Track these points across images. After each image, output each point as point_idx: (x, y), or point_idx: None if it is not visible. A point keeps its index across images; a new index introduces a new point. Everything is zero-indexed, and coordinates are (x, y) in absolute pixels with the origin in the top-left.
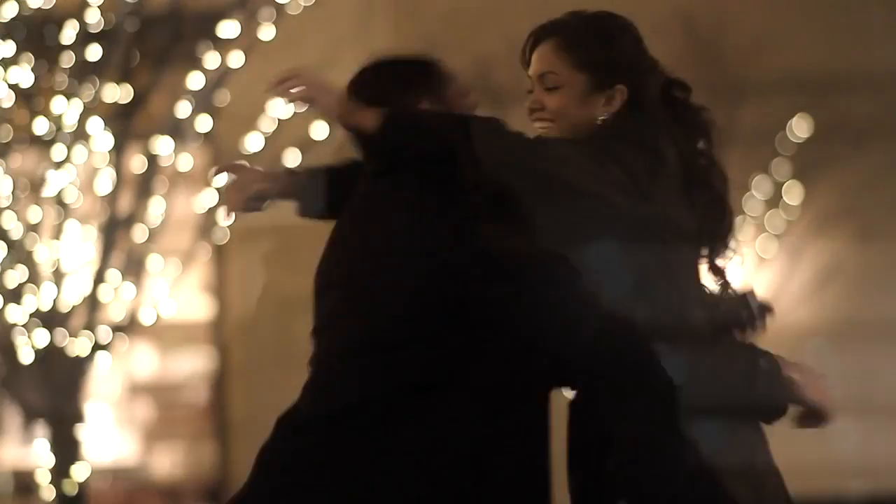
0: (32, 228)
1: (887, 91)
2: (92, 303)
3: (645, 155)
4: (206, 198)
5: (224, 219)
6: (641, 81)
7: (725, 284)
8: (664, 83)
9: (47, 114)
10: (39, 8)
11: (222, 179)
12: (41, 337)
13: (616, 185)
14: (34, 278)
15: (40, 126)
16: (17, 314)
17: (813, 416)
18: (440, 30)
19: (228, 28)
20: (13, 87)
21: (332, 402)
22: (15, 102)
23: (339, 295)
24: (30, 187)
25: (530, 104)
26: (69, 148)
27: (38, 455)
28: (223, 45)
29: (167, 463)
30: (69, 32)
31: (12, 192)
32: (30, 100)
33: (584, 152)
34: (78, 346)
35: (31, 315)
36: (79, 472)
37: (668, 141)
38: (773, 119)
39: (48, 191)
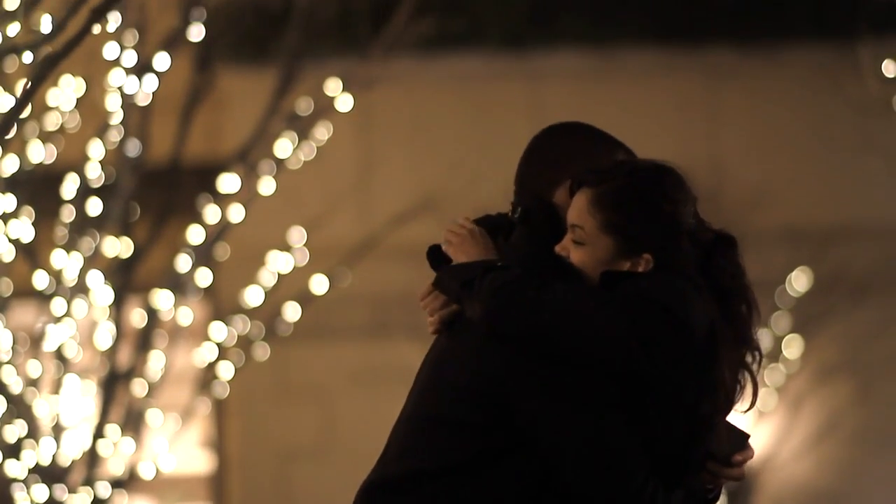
0: (32, 383)
1: (886, 244)
2: (91, 457)
3: (666, 319)
4: (206, 352)
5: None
6: (672, 252)
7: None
8: (709, 242)
9: (47, 268)
10: (41, 162)
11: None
12: (40, 492)
13: (621, 348)
14: (33, 433)
15: (40, 280)
16: (16, 469)
17: None
18: (441, 182)
19: (228, 182)
20: (14, 241)
21: (405, 467)
22: (15, 256)
23: (416, 390)
24: (29, 341)
25: (558, 249)
26: (69, 302)
27: None
28: (223, 199)
29: None
30: (70, 186)
31: (12, 347)
32: (30, 254)
33: (596, 307)
34: (77, 501)
35: (31, 470)
36: None
37: (700, 308)
38: (773, 273)
39: (48, 345)
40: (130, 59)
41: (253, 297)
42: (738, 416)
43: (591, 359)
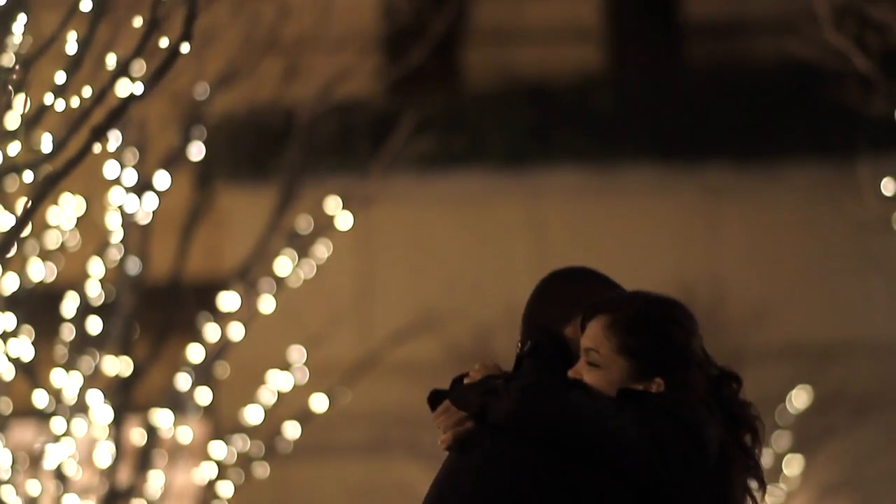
0: (32, 502)
1: (886, 362)
2: None
3: (682, 431)
4: (206, 470)
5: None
6: (683, 377)
7: None
8: (716, 376)
9: (47, 386)
10: (41, 281)
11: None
12: None
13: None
14: None
15: (40, 399)
16: None
17: None
18: (441, 299)
19: (228, 300)
20: (13, 360)
21: None
22: (15, 375)
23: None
24: (29, 460)
25: (571, 373)
26: (69, 421)
27: None
28: (223, 317)
29: None
30: (70, 305)
31: (11, 466)
32: (30, 372)
33: (618, 413)
34: None
35: None
36: None
37: (708, 428)
38: (773, 390)
39: (47, 464)
40: (131, 177)
41: (253, 415)
42: None
43: (610, 461)
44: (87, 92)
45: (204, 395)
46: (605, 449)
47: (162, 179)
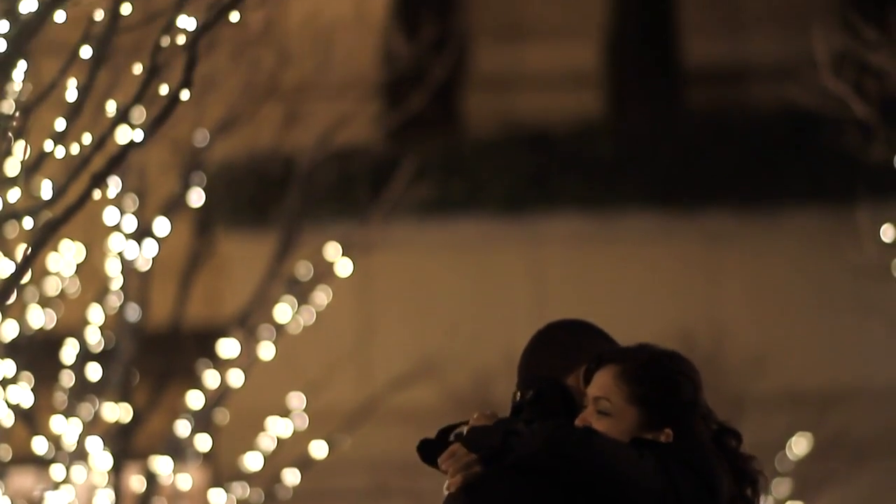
0: None
1: (886, 409)
2: None
3: (698, 481)
4: None
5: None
6: (691, 427)
7: None
8: (716, 430)
9: (46, 433)
10: (41, 328)
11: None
12: None
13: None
14: None
15: (39, 445)
16: None
17: None
18: (440, 345)
19: (228, 346)
20: (13, 406)
21: None
22: (14, 422)
23: None
24: None
25: (579, 421)
26: (68, 468)
27: None
28: (223, 364)
29: None
30: (69, 352)
31: None
32: (29, 419)
33: (639, 456)
34: None
35: None
36: None
37: (721, 478)
38: (773, 437)
39: None
40: (130, 224)
41: (252, 462)
42: None
43: (629, 501)
44: (86, 139)
45: (204, 442)
46: (628, 493)
47: (162, 226)
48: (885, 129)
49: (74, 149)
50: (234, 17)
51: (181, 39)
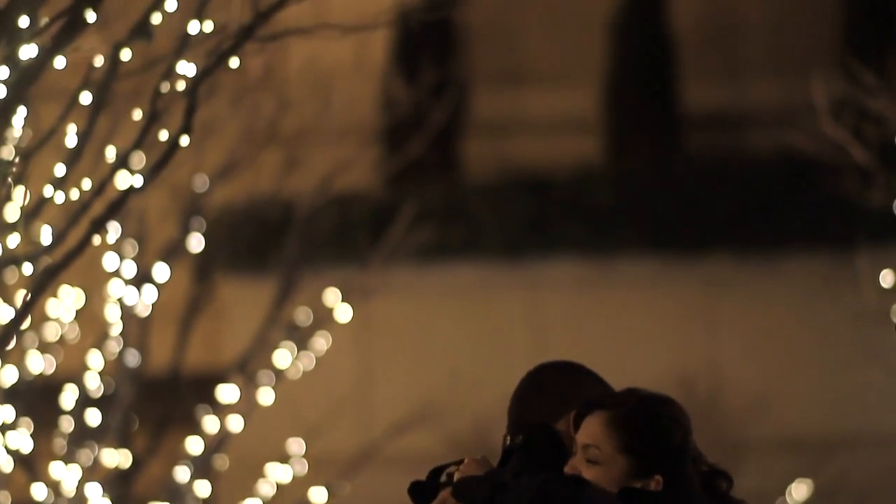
0: None
1: (886, 454)
2: None
3: None
4: None
5: None
6: (681, 472)
7: None
8: (707, 473)
9: (46, 479)
10: (40, 373)
11: None
12: None
13: None
14: None
15: (39, 491)
16: None
17: None
18: (440, 391)
19: (228, 392)
20: (12, 452)
21: None
22: (14, 467)
23: None
24: None
25: (568, 469)
26: None
27: None
28: (222, 410)
29: None
30: (69, 397)
31: None
32: (28, 465)
33: None
34: None
35: None
36: None
37: None
38: (773, 483)
39: None
40: (130, 269)
41: None
42: None
43: None
44: (86, 184)
45: (203, 488)
46: None
47: (161, 271)
48: (884, 175)
49: (74, 194)
50: (234, 62)
51: (181, 85)
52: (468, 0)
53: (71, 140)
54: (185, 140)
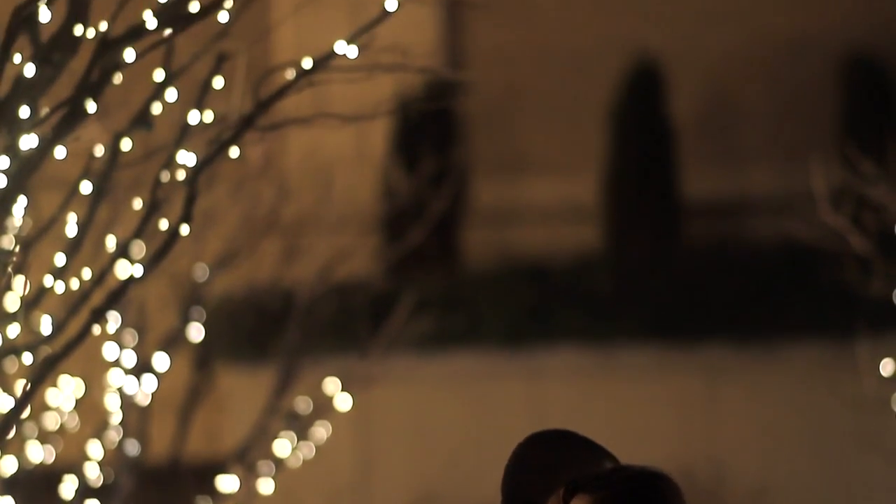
0: None
1: None
2: None
3: None
4: None
5: None
6: None
7: None
8: None
9: None
10: (40, 463)
11: None
12: None
13: None
14: None
15: None
16: None
17: None
18: (440, 480)
19: (227, 482)
20: None
21: None
22: None
23: None
24: None
25: None
26: None
27: None
28: (222, 499)
29: None
30: (68, 487)
31: None
32: None
33: None
34: None
35: None
36: None
37: None
38: None
39: None
40: (130, 359)
41: None
42: None
43: None
44: (86, 274)
45: None
46: None
47: (161, 361)
48: (883, 264)
49: (74, 284)
50: (234, 152)
51: (181, 174)
52: (468, 90)
53: (71, 229)
54: (185, 229)
